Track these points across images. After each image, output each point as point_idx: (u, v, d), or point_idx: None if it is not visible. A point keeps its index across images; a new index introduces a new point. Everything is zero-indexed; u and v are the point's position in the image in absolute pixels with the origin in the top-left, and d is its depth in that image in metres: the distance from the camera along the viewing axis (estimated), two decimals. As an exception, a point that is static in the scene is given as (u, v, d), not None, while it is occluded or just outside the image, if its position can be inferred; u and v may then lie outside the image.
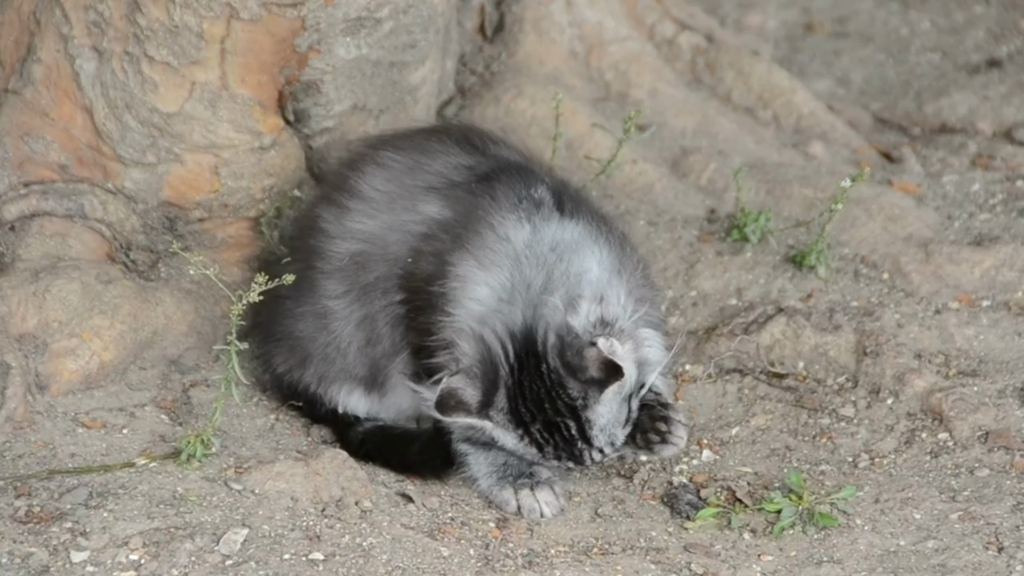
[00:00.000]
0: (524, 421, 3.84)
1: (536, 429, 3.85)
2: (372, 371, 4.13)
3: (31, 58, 4.43)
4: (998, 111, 5.62)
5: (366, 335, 4.10)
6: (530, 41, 5.20)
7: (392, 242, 4.05)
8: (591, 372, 3.79)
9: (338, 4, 4.40)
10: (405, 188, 4.10)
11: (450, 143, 4.18)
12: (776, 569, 3.84)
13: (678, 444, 3.93)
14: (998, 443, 4.17)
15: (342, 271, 4.10)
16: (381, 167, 4.15)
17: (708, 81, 5.40)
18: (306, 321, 4.15)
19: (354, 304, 4.09)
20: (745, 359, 4.48)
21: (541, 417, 3.83)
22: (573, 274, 3.84)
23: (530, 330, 3.81)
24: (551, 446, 3.87)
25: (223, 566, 3.67)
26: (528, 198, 3.96)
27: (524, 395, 3.83)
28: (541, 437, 3.85)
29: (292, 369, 4.22)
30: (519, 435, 3.87)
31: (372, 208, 4.10)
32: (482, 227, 3.92)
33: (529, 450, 3.89)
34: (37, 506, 3.79)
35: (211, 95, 4.41)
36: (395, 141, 4.24)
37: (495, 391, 3.83)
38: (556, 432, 3.85)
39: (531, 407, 3.83)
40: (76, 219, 4.41)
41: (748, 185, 4.89)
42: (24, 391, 4.08)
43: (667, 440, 3.92)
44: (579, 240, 3.89)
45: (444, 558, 3.81)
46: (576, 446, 3.86)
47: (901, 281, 4.67)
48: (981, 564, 3.81)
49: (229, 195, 4.51)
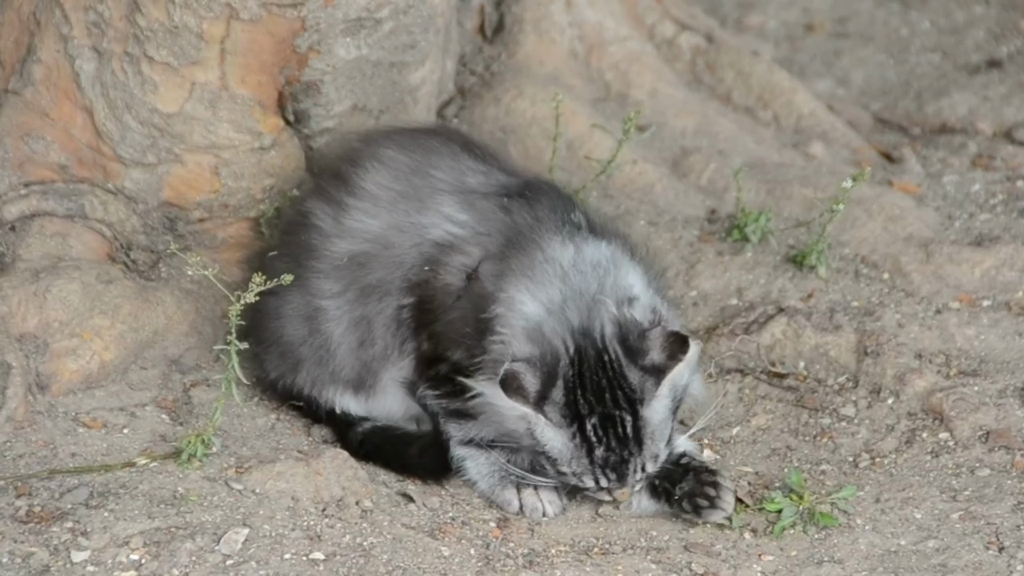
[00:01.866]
0: (580, 415, 3.80)
1: (592, 424, 3.81)
2: (361, 373, 4.12)
3: (31, 58, 4.43)
4: (998, 111, 5.62)
5: (359, 337, 4.08)
6: (530, 41, 5.20)
7: (396, 243, 4.04)
8: (653, 355, 3.81)
9: (338, 4, 4.40)
10: (412, 188, 4.09)
11: (454, 147, 4.18)
12: (777, 569, 3.84)
13: (726, 510, 3.95)
14: (999, 443, 4.17)
15: (339, 270, 4.09)
16: (384, 165, 4.14)
17: (708, 81, 5.40)
18: (294, 323, 4.13)
19: (349, 305, 4.08)
20: (746, 359, 4.48)
21: (600, 410, 3.80)
22: (620, 286, 3.89)
23: (588, 328, 3.83)
24: (602, 447, 3.82)
25: (224, 566, 3.67)
26: (569, 221, 4.01)
27: (584, 386, 3.81)
28: (595, 434, 3.81)
29: (284, 375, 4.21)
30: (572, 433, 3.82)
31: (374, 206, 4.09)
32: (529, 247, 3.93)
33: (577, 454, 3.83)
34: (38, 506, 3.79)
35: (211, 95, 4.41)
36: (397, 139, 4.23)
37: (552, 384, 3.80)
38: (611, 428, 3.81)
39: (590, 398, 3.80)
40: (76, 219, 4.41)
41: (748, 185, 4.89)
42: (25, 391, 4.08)
43: (715, 505, 3.95)
44: (616, 257, 3.95)
45: (445, 558, 3.81)
46: (627, 448, 3.82)
47: (902, 281, 4.67)
48: (982, 564, 3.81)
49: (229, 195, 4.51)
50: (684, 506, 3.95)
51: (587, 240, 3.97)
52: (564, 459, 3.85)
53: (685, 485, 3.94)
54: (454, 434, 4.03)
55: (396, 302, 4.04)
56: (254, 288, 3.82)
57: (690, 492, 3.94)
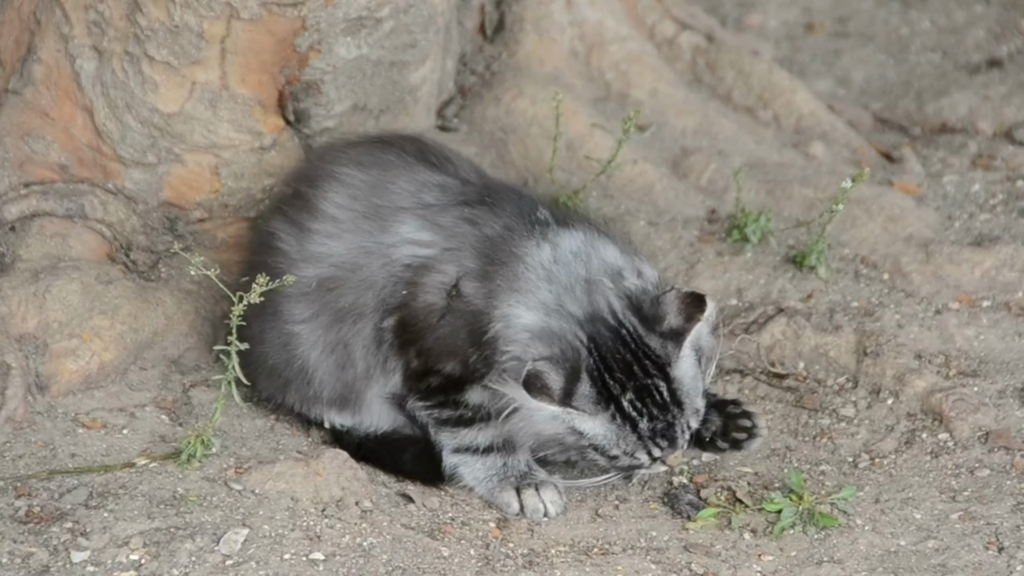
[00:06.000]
0: (614, 396, 3.81)
1: (628, 400, 3.81)
2: (344, 393, 4.12)
3: (31, 58, 4.43)
4: (998, 111, 5.62)
5: (337, 360, 4.07)
6: (530, 41, 5.20)
7: (364, 265, 4.01)
8: (670, 319, 3.83)
9: (338, 4, 4.40)
10: (372, 207, 4.06)
11: (409, 159, 4.15)
12: (776, 569, 3.84)
13: (763, 434, 4.05)
14: (998, 443, 4.17)
15: (308, 296, 4.06)
16: (341, 183, 4.09)
17: (708, 81, 5.40)
18: (276, 348, 4.13)
19: (323, 329, 4.05)
20: (745, 359, 4.48)
21: (632, 384, 3.81)
22: (606, 262, 3.91)
23: (594, 312, 3.84)
24: (646, 418, 3.82)
25: (223, 566, 3.67)
26: (536, 221, 4.00)
27: (610, 368, 3.81)
28: (634, 409, 3.82)
29: (274, 395, 4.20)
30: (611, 415, 3.82)
31: (336, 229, 4.05)
32: (510, 260, 3.92)
33: (623, 432, 3.83)
34: (37, 506, 3.79)
35: (211, 95, 4.41)
36: (352, 155, 4.18)
37: (577, 379, 3.80)
38: (648, 398, 3.82)
39: (620, 376, 3.81)
40: (76, 219, 4.41)
41: (748, 185, 4.89)
42: (24, 391, 4.08)
43: (754, 434, 4.05)
44: (589, 239, 3.96)
45: (444, 558, 3.81)
46: (670, 412, 3.82)
47: (901, 281, 4.67)
48: (981, 564, 3.81)
49: (229, 195, 4.51)
50: (719, 444, 4.03)
51: (558, 234, 3.95)
52: (611, 443, 3.86)
53: (711, 424, 3.98)
54: (447, 443, 4.04)
55: (373, 323, 4.02)
56: (257, 290, 3.82)
57: (723, 429, 4.02)
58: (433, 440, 4.05)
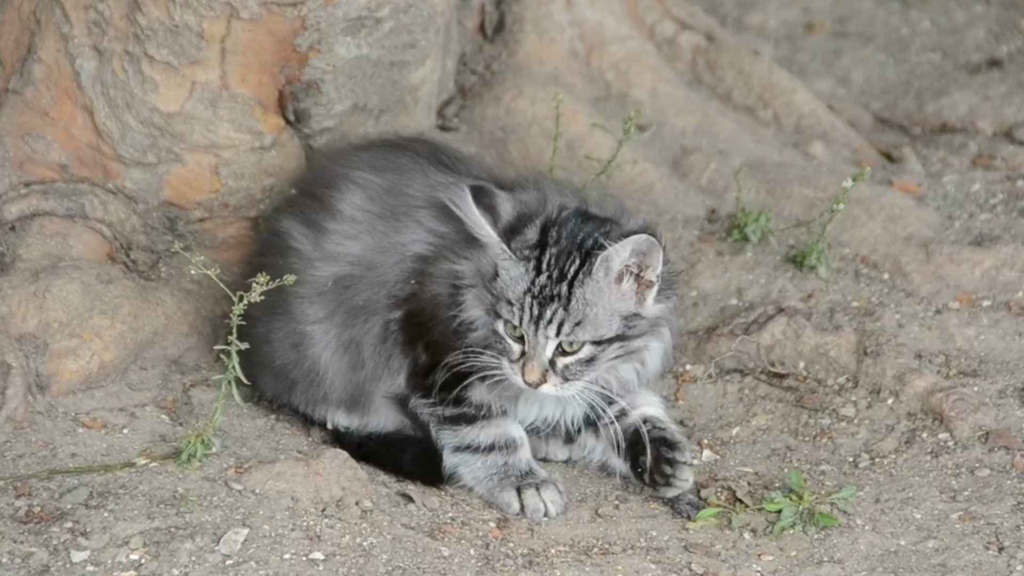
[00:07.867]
0: (545, 243, 3.84)
1: (551, 253, 3.84)
2: (355, 394, 4.13)
3: (31, 58, 4.44)
4: (998, 111, 5.62)
5: (350, 360, 4.09)
6: (530, 41, 5.20)
7: (379, 263, 4.04)
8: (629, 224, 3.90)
9: (338, 4, 4.40)
10: (388, 208, 4.08)
11: (423, 162, 4.17)
12: (776, 569, 3.84)
13: (682, 487, 4.04)
14: (998, 443, 4.17)
15: (324, 296, 4.08)
16: (359, 187, 4.12)
17: (708, 81, 5.40)
18: (284, 349, 4.13)
19: (337, 329, 4.07)
20: (745, 359, 4.48)
21: (567, 243, 3.84)
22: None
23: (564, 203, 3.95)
24: (545, 274, 3.82)
25: (223, 566, 3.67)
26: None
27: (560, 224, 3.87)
28: (547, 264, 3.83)
29: (279, 395, 4.22)
30: (527, 267, 3.83)
31: (354, 229, 4.08)
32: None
33: (523, 281, 3.83)
34: (37, 506, 3.79)
35: (211, 95, 4.41)
36: (368, 159, 4.20)
37: (527, 225, 3.86)
38: (559, 267, 3.82)
39: (561, 232, 3.85)
40: (76, 219, 4.41)
41: (748, 185, 4.89)
42: (24, 391, 4.08)
43: (670, 484, 4.04)
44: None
45: (444, 558, 3.81)
46: (560, 288, 3.81)
47: (901, 281, 4.68)
48: (981, 564, 3.81)
49: (229, 195, 4.51)
50: (645, 479, 4.05)
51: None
52: (511, 288, 3.85)
53: (646, 459, 4.02)
54: (448, 441, 4.04)
55: (382, 319, 4.04)
56: (257, 289, 3.82)
57: (651, 467, 4.02)
58: (434, 439, 4.06)
